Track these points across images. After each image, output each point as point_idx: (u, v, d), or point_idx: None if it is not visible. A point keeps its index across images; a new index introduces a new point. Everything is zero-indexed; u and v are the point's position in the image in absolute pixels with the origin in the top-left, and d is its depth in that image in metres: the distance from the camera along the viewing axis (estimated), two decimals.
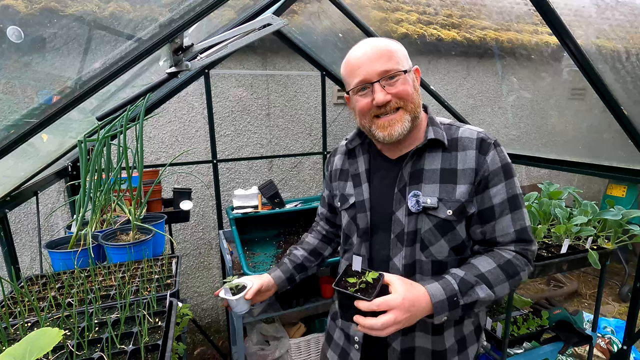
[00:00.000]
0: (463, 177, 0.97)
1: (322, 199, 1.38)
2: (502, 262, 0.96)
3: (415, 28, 2.82)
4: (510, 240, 0.99)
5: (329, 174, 1.28)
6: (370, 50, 0.98)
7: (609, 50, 1.39)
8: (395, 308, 0.84)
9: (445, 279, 0.94)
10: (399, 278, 0.92)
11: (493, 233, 1.00)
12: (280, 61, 3.04)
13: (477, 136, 0.99)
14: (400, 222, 1.01)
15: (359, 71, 0.98)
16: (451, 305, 0.90)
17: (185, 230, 3.06)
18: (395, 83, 0.96)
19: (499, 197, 0.98)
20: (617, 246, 1.55)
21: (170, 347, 0.95)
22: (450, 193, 0.97)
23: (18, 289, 1.18)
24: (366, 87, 0.98)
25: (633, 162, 1.67)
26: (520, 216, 1.00)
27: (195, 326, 2.83)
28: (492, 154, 0.98)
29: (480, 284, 0.93)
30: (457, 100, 2.53)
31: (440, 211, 0.97)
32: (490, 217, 0.99)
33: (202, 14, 1.12)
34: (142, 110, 1.55)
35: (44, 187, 1.82)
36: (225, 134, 3.03)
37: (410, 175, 1.02)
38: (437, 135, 1.00)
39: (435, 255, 1.00)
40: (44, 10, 1.03)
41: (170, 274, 1.34)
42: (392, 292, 0.87)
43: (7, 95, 1.17)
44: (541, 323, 1.77)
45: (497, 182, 0.98)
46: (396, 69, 0.96)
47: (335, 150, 1.28)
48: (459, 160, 0.98)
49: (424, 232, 0.99)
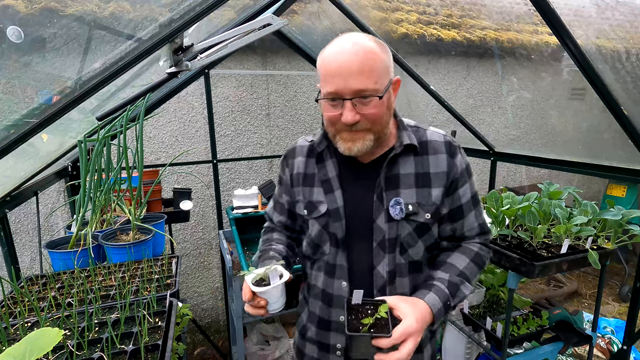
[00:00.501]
0: (436, 181, 1.01)
1: (277, 206, 1.21)
2: (473, 255, 1.05)
3: (415, 28, 2.82)
4: (475, 233, 1.09)
5: (289, 178, 1.14)
6: (353, 59, 0.88)
7: (609, 50, 1.39)
8: (413, 334, 0.85)
9: (435, 286, 0.97)
10: (400, 299, 0.92)
11: (462, 229, 1.07)
12: (280, 61, 3.04)
13: (445, 140, 1.04)
14: (381, 229, 1.00)
15: (333, 80, 0.90)
16: (446, 309, 0.95)
17: (185, 230, 3.06)
18: (368, 103, 0.90)
19: (465, 196, 1.05)
20: (617, 246, 1.55)
21: (170, 347, 0.95)
22: (427, 197, 1.00)
23: (18, 289, 1.18)
24: (337, 99, 0.91)
25: (633, 162, 1.67)
26: (480, 211, 1.10)
27: (195, 326, 2.83)
28: (459, 156, 1.04)
29: (464, 282, 1.00)
30: (457, 100, 2.52)
31: (420, 216, 0.99)
32: (460, 215, 1.06)
33: (202, 14, 1.12)
34: (142, 110, 1.55)
35: (44, 187, 1.83)
36: (225, 134, 3.03)
37: (386, 181, 1.00)
38: (412, 140, 1.01)
39: (412, 257, 1.02)
40: (44, 10, 1.03)
41: (170, 274, 1.34)
42: (403, 317, 0.87)
43: (7, 95, 1.17)
44: (541, 323, 1.77)
45: (464, 182, 1.04)
46: (373, 89, 0.89)
47: (294, 152, 1.14)
48: (431, 164, 1.02)
49: (404, 237, 1.00)
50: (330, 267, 1.05)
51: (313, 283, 1.11)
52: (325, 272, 1.07)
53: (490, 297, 1.94)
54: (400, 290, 1.02)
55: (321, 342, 1.10)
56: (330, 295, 1.06)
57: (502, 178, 4.17)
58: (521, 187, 4.17)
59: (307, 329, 1.14)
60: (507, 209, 1.54)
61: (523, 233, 1.55)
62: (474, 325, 1.78)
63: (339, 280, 1.04)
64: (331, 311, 1.07)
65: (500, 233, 1.59)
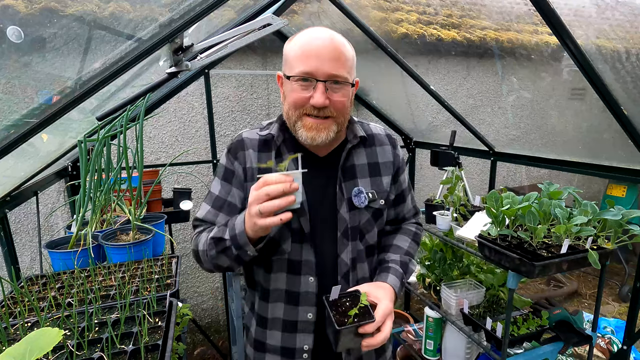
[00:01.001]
0: (385, 169, 1.11)
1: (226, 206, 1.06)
2: (412, 235, 1.20)
3: (415, 28, 2.82)
4: (412, 214, 1.25)
5: (242, 171, 1.04)
6: (329, 45, 0.92)
7: (609, 50, 1.39)
8: (390, 312, 0.94)
9: (392, 268, 1.07)
10: (370, 286, 1.00)
11: (402, 212, 1.21)
12: (280, 61, 3.03)
13: (385, 133, 1.17)
14: (344, 218, 1.04)
15: (308, 61, 0.91)
16: (401, 286, 1.07)
17: (185, 230, 3.06)
18: (338, 90, 0.94)
19: (405, 182, 1.19)
20: (617, 246, 1.55)
21: (170, 347, 0.95)
22: (380, 185, 1.10)
23: (18, 289, 1.18)
24: (309, 80, 0.92)
25: (633, 162, 1.67)
26: (413, 195, 1.26)
27: (195, 326, 2.83)
28: (398, 148, 1.17)
29: (411, 260, 1.14)
30: (457, 100, 2.52)
31: (376, 203, 1.08)
32: (402, 199, 1.19)
33: (202, 14, 1.12)
34: (142, 110, 1.55)
35: (44, 187, 1.82)
36: (225, 134, 3.03)
37: (343, 172, 1.06)
38: (364, 132, 1.10)
39: (368, 242, 1.10)
40: (44, 10, 1.03)
41: (170, 274, 1.34)
42: (378, 302, 0.94)
43: (7, 95, 1.17)
44: (541, 323, 1.77)
45: (403, 170, 1.17)
46: (344, 77, 0.94)
47: (242, 143, 1.06)
48: (378, 154, 1.12)
49: (363, 223, 1.07)
50: (294, 264, 1.02)
51: (273, 287, 1.05)
52: (288, 271, 1.03)
53: (490, 297, 1.94)
54: (361, 274, 1.09)
55: (286, 347, 1.05)
56: (295, 294, 1.03)
57: (502, 178, 4.17)
58: (521, 187, 4.17)
59: (266, 338, 1.08)
60: (507, 209, 1.54)
61: (523, 233, 1.54)
62: (474, 325, 1.78)
63: (305, 277, 1.03)
64: (298, 310, 1.03)
65: (500, 233, 1.59)
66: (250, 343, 1.14)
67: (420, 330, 2.40)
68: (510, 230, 1.60)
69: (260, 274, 1.08)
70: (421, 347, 2.17)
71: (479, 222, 1.82)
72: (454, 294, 1.91)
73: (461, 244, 1.84)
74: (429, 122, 2.95)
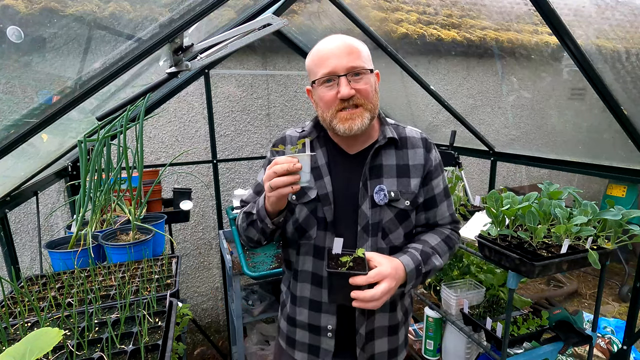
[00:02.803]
0: (414, 172, 1.13)
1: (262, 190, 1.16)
2: (444, 237, 1.16)
3: (415, 28, 2.82)
4: (447, 222, 1.21)
5: None
6: (341, 44, 1.02)
7: (609, 50, 1.39)
8: (388, 276, 0.93)
9: (409, 252, 1.06)
10: (377, 254, 1.01)
11: (435, 218, 1.19)
12: (280, 61, 3.04)
13: (421, 136, 1.18)
14: (365, 214, 1.08)
15: (327, 62, 1.01)
16: (417, 273, 1.03)
17: (185, 230, 3.06)
18: (360, 80, 1.02)
19: (438, 187, 1.17)
20: (617, 246, 1.54)
21: (170, 347, 0.95)
22: (407, 186, 1.11)
23: (18, 289, 1.18)
24: (332, 79, 1.02)
25: (633, 162, 1.67)
26: (451, 202, 1.22)
27: (195, 326, 2.83)
28: (434, 152, 1.17)
29: (435, 254, 1.09)
30: (457, 100, 2.52)
31: (400, 202, 1.10)
32: (433, 204, 1.17)
33: (202, 14, 1.12)
34: (142, 110, 1.55)
35: (44, 187, 1.83)
36: (225, 134, 3.03)
37: (370, 170, 1.10)
38: (393, 134, 1.13)
39: (393, 242, 1.12)
40: (44, 10, 1.03)
41: (170, 274, 1.35)
42: (378, 265, 0.95)
43: (7, 95, 1.17)
44: (541, 323, 1.77)
45: (437, 175, 1.16)
46: (362, 66, 1.02)
47: (284, 139, 1.22)
48: (409, 156, 1.14)
49: (385, 222, 1.10)
50: (319, 249, 1.11)
51: (301, 269, 1.15)
52: (313, 255, 1.12)
53: (490, 297, 1.94)
54: None
55: (312, 324, 1.15)
56: (320, 277, 1.12)
57: (502, 178, 4.17)
58: (521, 187, 4.17)
59: (296, 314, 1.18)
60: (507, 209, 1.54)
61: (523, 233, 1.54)
62: (474, 325, 1.78)
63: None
64: (322, 292, 1.12)
65: (500, 233, 1.59)
66: (285, 318, 1.24)
67: (420, 330, 2.40)
68: (510, 230, 1.60)
69: (293, 255, 1.18)
70: (421, 347, 2.17)
71: (479, 222, 1.82)
72: (454, 294, 1.91)
73: (461, 244, 1.84)
74: (429, 122, 2.95)
